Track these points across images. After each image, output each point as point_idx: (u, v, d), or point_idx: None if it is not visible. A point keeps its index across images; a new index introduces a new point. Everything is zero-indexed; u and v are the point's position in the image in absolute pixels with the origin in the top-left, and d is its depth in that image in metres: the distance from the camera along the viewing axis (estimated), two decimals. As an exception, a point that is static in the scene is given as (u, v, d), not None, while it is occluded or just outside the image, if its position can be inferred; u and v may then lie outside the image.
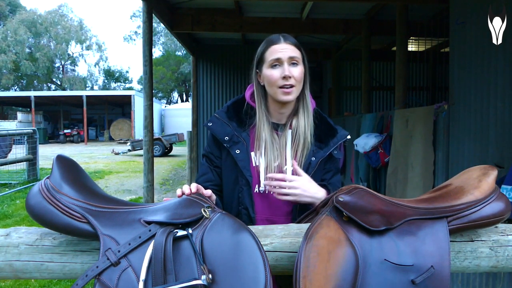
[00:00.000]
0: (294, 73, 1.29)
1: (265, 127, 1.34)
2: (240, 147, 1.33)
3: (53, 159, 1.02)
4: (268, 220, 1.32)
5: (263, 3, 5.96)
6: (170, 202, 0.98)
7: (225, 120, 1.37)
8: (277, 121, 1.38)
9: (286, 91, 1.29)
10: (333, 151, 1.37)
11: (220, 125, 1.36)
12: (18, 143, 9.31)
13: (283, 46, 1.30)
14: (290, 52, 1.29)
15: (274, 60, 1.29)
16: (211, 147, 1.40)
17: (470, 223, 0.94)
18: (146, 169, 4.88)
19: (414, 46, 8.25)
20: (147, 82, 4.89)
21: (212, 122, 1.38)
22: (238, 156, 1.32)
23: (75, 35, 34.69)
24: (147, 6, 4.81)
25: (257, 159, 1.33)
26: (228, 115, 1.39)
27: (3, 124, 22.60)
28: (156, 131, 25.65)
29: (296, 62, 1.30)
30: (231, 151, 1.33)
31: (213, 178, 1.39)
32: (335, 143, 1.36)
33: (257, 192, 1.32)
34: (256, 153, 1.34)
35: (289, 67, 1.28)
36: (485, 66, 2.84)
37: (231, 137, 1.34)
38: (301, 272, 0.80)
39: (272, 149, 1.32)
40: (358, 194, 0.95)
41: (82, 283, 0.83)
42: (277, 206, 1.32)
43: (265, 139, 1.33)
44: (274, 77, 1.29)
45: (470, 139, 3.00)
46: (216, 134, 1.35)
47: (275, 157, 1.32)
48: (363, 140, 4.79)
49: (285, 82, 1.28)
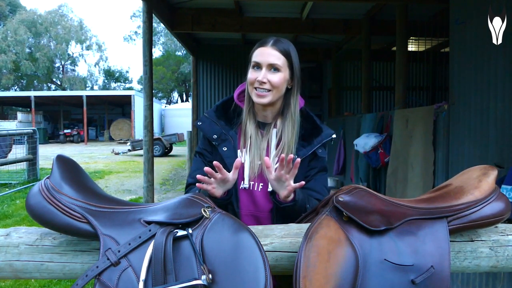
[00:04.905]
0: (272, 79, 1.31)
1: (251, 125, 1.37)
2: (227, 144, 1.36)
3: (53, 159, 1.02)
4: (252, 215, 1.35)
5: (263, 3, 5.96)
6: (170, 202, 0.98)
7: (214, 119, 1.41)
8: (263, 120, 1.41)
9: (259, 94, 1.32)
10: (317, 150, 1.38)
11: (209, 124, 1.40)
12: (18, 143, 9.31)
13: (268, 51, 1.32)
14: (271, 59, 1.32)
15: (255, 63, 1.34)
16: (204, 144, 1.43)
17: (470, 223, 0.94)
18: (146, 169, 4.88)
19: (414, 46, 8.25)
20: (147, 82, 4.89)
21: (201, 122, 1.42)
22: (225, 153, 1.35)
23: (75, 35, 34.69)
24: (147, 6, 4.81)
25: (243, 156, 1.36)
26: (217, 114, 1.43)
27: (3, 124, 22.60)
28: (156, 131, 25.66)
29: (277, 69, 1.32)
30: (219, 148, 1.36)
31: None
32: (319, 142, 1.37)
33: (242, 188, 1.35)
34: (241, 150, 1.36)
35: (267, 73, 1.31)
36: (485, 66, 2.84)
37: (219, 135, 1.37)
38: (301, 272, 0.80)
39: (256, 147, 1.36)
40: (358, 194, 0.95)
41: (82, 283, 0.83)
42: (260, 203, 1.35)
43: (250, 136, 1.36)
44: (251, 79, 1.33)
45: (470, 139, 3.00)
46: (205, 132, 1.40)
47: (260, 155, 1.35)
48: (363, 140, 4.79)
49: (259, 85, 1.31)
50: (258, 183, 1.35)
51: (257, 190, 1.35)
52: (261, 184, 1.35)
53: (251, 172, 1.34)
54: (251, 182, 1.35)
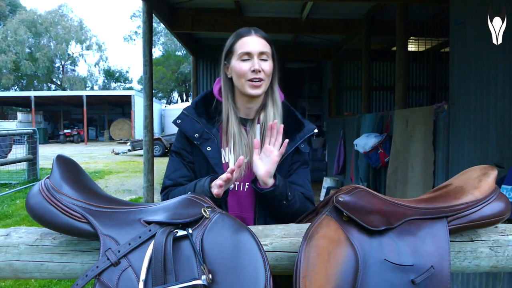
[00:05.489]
0: (264, 68, 1.27)
1: (233, 122, 1.31)
2: (211, 144, 1.30)
3: (53, 159, 1.02)
4: (238, 216, 1.29)
5: (263, 3, 5.96)
6: (170, 202, 0.98)
7: (194, 117, 1.34)
8: (245, 116, 1.36)
9: (255, 84, 1.27)
10: (300, 145, 1.35)
11: (189, 122, 1.34)
12: (18, 143, 9.30)
13: (254, 39, 1.29)
14: (261, 47, 1.28)
15: (244, 53, 1.27)
16: (182, 143, 1.36)
17: (470, 223, 0.94)
18: (146, 169, 4.88)
19: (414, 46, 8.24)
20: (147, 82, 4.89)
21: (180, 119, 1.36)
22: (209, 154, 1.29)
23: (75, 35, 34.68)
24: (147, 6, 4.80)
25: (227, 156, 1.32)
26: (197, 111, 1.36)
27: (3, 124, 22.59)
28: (156, 131, 25.61)
29: (266, 58, 1.29)
30: (202, 148, 1.30)
31: (188, 173, 1.36)
32: (301, 137, 1.34)
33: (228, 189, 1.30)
34: (225, 149, 1.32)
35: (259, 61, 1.27)
36: (485, 66, 2.84)
37: (201, 134, 1.31)
38: (301, 272, 0.80)
39: (241, 145, 1.30)
40: (358, 194, 0.95)
41: (82, 283, 0.83)
42: (245, 203, 1.31)
43: (233, 134, 1.30)
44: (243, 70, 1.26)
45: (470, 139, 3.00)
46: (186, 131, 1.33)
47: (245, 153, 1.30)
48: (363, 140, 4.79)
49: (254, 75, 1.26)
50: (244, 183, 1.31)
51: (243, 190, 1.31)
52: (246, 184, 1.31)
53: (237, 172, 1.26)
54: (237, 183, 1.31)
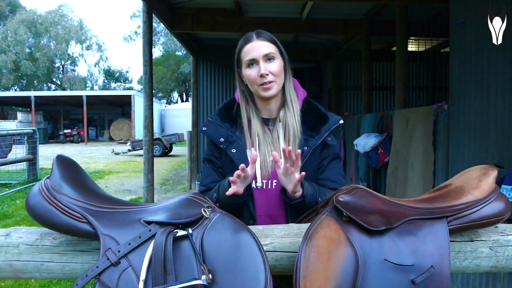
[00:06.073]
0: (271, 69, 1.30)
1: (256, 123, 1.36)
2: (236, 146, 1.35)
3: (53, 159, 1.02)
4: (267, 215, 1.33)
5: (263, 3, 5.96)
6: (170, 202, 0.98)
7: (218, 123, 1.40)
8: (268, 116, 1.40)
9: (266, 87, 1.30)
10: (326, 138, 1.36)
11: (214, 127, 1.39)
12: (18, 143, 9.30)
13: (257, 44, 1.31)
14: (264, 49, 1.31)
15: (249, 60, 1.32)
16: (211, 150, 1.42)
17: (470, 223, 0.94)
18: (146, 169, 4.88)
19: (414, 46, 8.24)
20: (147, 82, 4.88)
21: (206, 127, 1.41)
22: (234, 155, 1.34)
23: (75, 35, 34.68)
24: (147, 6, 4.80)
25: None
26: (220, 117, 1.41)
27: (3, 124, 22.59)
28: (156, 131, 25.64)
29: (272, 57, 1.31)
30: (228, 151, 1.35)
31: (218, 178, 1.41)
32: (327, 130, 1.36)
33: (254, 188, 1.33)
34: (251, 150, 1.35)
35: (265, 64, 1.30)
36: (485, 66, 2.84)
37: (226, 138, 1.36)
38: (301, 272, 0.80)
39: (265, 144, 1.34)
40: (358, 194, 0.95)
41: (82, 283, 0.83)
42: (274, 200, 1.33)
43: (257, 134, 1.35)
44: (252, 77, 1.31)
45: (470, 139, 3.00)
46: (212, 137, 1.38)
47: (270, 152, 1.33)
48: (363, 140, 4.79)
49: (263, 80, 1.30)
50: (272, 181, 1.34)
51: (271, 188, 1.34)
52: (274, 181, 1.33)
53: (264, 171, 1.32)
54: (264, 181, 1.33)
